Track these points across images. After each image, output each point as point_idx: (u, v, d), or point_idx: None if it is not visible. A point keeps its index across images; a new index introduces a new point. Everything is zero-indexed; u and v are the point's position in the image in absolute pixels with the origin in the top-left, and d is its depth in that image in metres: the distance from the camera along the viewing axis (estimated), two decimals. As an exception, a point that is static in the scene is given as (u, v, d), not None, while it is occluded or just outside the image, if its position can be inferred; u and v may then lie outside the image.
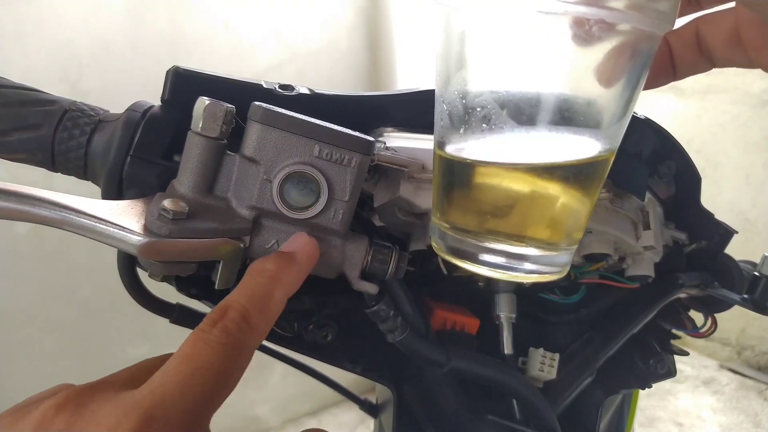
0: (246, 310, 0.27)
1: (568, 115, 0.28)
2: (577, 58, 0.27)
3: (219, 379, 0.25)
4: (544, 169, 0.30)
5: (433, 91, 0.32)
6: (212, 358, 0.25)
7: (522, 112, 0.28)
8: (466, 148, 0.31)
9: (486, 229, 0.31)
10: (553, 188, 0.30)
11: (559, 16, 0.26)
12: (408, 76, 1.76)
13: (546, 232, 0.31)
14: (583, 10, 0.25)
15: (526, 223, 0.31)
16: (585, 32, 0.26)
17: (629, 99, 0.29)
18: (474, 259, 0.31)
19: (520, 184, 0.30)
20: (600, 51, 0.27)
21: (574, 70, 0.28)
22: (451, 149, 0.31)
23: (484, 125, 0.29)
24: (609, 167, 0.31)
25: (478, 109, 0.29)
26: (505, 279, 0.32)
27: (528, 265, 0.31)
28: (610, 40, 0.26)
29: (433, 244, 0.35)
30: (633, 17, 0.26)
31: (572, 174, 0.30)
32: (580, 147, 0.29)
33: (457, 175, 0.32)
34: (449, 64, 0.30)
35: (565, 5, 0.25)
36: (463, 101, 0.29)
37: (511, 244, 0.31)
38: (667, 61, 0.34)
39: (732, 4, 0.30)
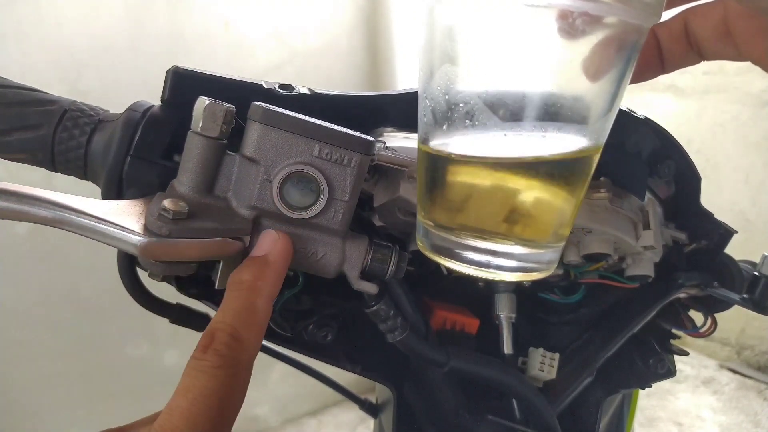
0: (233, 329, 0.27)
1: (554, 110, 0.27)
2: (563, 52, 0.27)
3: (222, 402, 0.26)
4: (528, 164, 0.29)
5: None
6: (210, 384, 0.26)
7: (506, 108, 0.27)
8: (450, 144, 0.30)
9: (469, 227, 0.31)
10: (538, 185, 0.30)
11: (544, 9, 0.25)
12: (408, 76, 1.76)
13: (531, 230, 0.31)
14: (566, 2, 0.25)
15: (510, 220, 0.31)
16: (569, 25, 0.25)
17: (615, 93, 0.29)
18: (458, 258, 0.31)
19: (505, 181, 0.30)
20: (586, 44, 0.26)
21: (560, 64, 0.27)
22: (434, 145, 0.31)
23: (467, 121, 0.28)
24: (595, 163, 0.31)
25: (461, 105, 0.28)
26: (489, 278, 0.32)
27: (514, 263, 0.31)
28: (596, 33, 0.26)
29: (419, 243, 0.34)
30: (618, 9, 0.25)
31: (557, 170, 0.30)
32: (565, 142, 0.29)
33: (439, 171, 0.32)
34: (432, 59, 0.30)
35: None
36: (446, 97, 0.29)
37: (495, 242, 0.30)
38: (655, 55, 0.33)
39: None
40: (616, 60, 0.28)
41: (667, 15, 0.30)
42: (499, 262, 0.31)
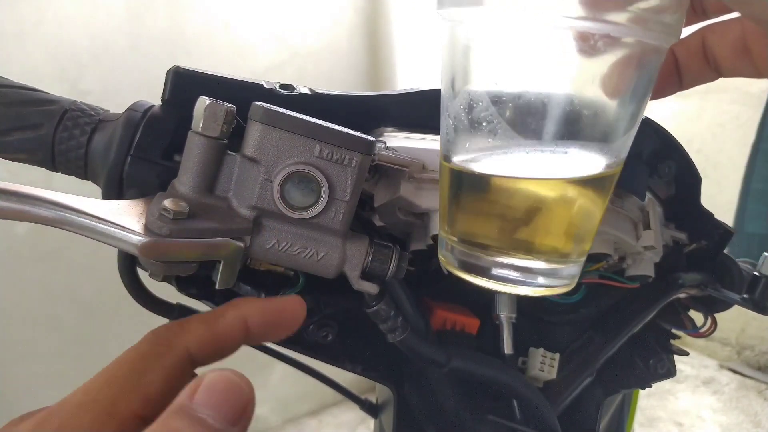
0: None
1: (575, 129, 0.28)
2: (582, 71, 0.27)
3: None
4: (551, 183, 0.30)
5: (434, 91, 0.32)
6: None
7: (528, 126, 0.28)
8: (473, 161, 0.31)
9: (495, 244, 0.31)
10: (561, 201, 0.30)
11: (564, 30, 0.26)
12: (408, 76, 1.76)
13: (555, 245, 0.31)
14: (587, 24, 0.25)
15: (535, 236, 0.31)
16: (590, 46, 0.26)
17: (636, 111, 0.29)
18: (484, 274, 0.31)
19: (529, 198, 0.30)
20: (605, 63, 0.27)
21: (579, 84, 0.28)
22: (457, 161, 0.31)
23: (489, 139, 0.29)
24: (615, 179, 0.31)
25: (484, 124, 0.29)
26: (513, 293, 0.32)
27: (537, 279, 0.31)
28: (616, 52, 0.26)
29: (441, 258, 0.34)
30: (638, 31, 0.26)
31: (580, 188, 0.30)
32: (587, 160, 0.29)
33: (462, 187, 0.32)
34: (453, 78, 0.30)
35: (569, 20, 0.25)
36: (469, 115, 0.29)
37: (520, 258, 0.31)
38: (672, 71, 0.34)
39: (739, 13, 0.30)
40: (636, 78, 0.28)
41: (685, 32, 0.30)
42: (523, 277, 0.31)
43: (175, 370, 0.26)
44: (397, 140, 0.41)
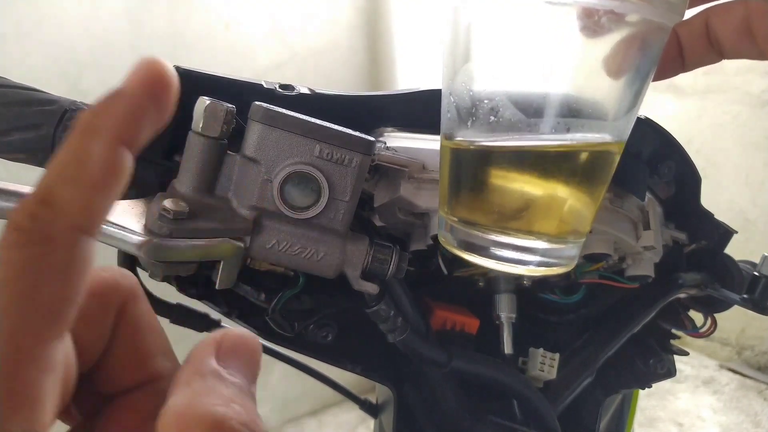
0: (45, 191, 0.19)
1: (577, 107, 0.28)
2: (585, 49, 0.27)
3: (21, 295, 0.18)
4: (552, 158, 0.30)
5: (434, 91, 0.32)
6: (7, 275, 0.18)
7: (530, 104, 0.28)
8: (475, 138, 0.31)
9: (495, 222, 0.31)
10: (562, 180, 0.30)
11: (568, 7, 0.26)
12: (408, 76, 1.76)
13: (555, 225, 0.31)
14: (592, 0, 0.25)
15: (535, 215, 0.31)
16: (594, 23, 0.26)
17: (638, 91, 0.29)
18: (484, 253, 0.31)
19: (529, 175, 0.30)
20: (609, 42, 0.26)
21: (582, 62, 0.28)
22: (459, 139, 0.31)
23: (491, 117, 0.29)
24: (617, 160, 0.31)
25: (486, 102, 0.29)
26: (513, 273, 0.32)
27: (537, 258, 0.31)
28: (620, 31, 0.26)
29: (441, 238, 0.34)
30: (643, 8, 0.26)
31: (580, 165, 0.30)
32: (588, 138, 0.29)
33: (464, 165, 0.32)
34: (456, 56, 0.30)
35: None
36: (471, 93, 0.29)
37: (520, 237, 0.31)
38: (675, 53, 0.34)
39: None
40: (639, 58, 0.28)
41: (688, 14, 0.30)
42: (522, 257, 0.31)
43: None
44: (397, 140, 0.41)
